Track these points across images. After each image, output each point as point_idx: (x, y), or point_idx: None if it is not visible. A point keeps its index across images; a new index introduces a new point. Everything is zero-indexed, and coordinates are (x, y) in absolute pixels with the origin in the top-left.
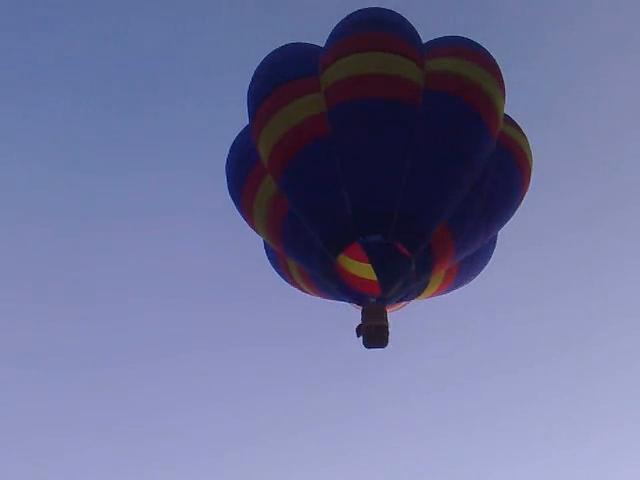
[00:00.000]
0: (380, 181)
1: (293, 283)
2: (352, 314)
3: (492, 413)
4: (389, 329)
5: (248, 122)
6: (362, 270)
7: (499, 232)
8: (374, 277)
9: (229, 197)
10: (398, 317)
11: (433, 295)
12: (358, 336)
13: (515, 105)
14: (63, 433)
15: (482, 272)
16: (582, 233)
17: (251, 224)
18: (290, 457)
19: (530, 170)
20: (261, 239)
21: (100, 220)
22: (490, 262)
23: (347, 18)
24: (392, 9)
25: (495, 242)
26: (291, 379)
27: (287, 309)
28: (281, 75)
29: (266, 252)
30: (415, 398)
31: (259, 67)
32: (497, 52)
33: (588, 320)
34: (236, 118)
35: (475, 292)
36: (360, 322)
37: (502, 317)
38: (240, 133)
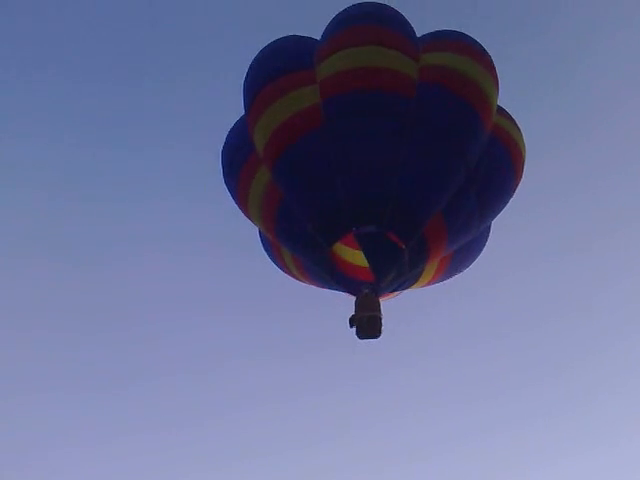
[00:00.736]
0: (374, 172)
1: (287, 271)
2: (346, 304)
3: (487, 403)
4: (382, 320)
5: (243, 113)
6: (356, 257)
7: (493, 221)
8: (368, 264)
9: (224, 186)
10: (391, 307)
11: (427, 284)
12: (351, 327)
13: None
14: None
15: (476, 261)
16: (577, 224)
17: (246, 213)
18: (284, 454)
19: (523, 161)
20: (256, 228)
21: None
22: (484, 251)
23: (343, 12)
24: (387, 3)
25: (489, 231)
26: (282, 371)
27: (280, 299)
28: (277, 67)
29: (261, 241)
30: (408, 388)
31: (256, 59)
32: (490, 45)
33: (585, 315)
34: (232, 108)
35: (469, 281)
36: (353, 313)
37: (496, 306)
38: (235, 123)
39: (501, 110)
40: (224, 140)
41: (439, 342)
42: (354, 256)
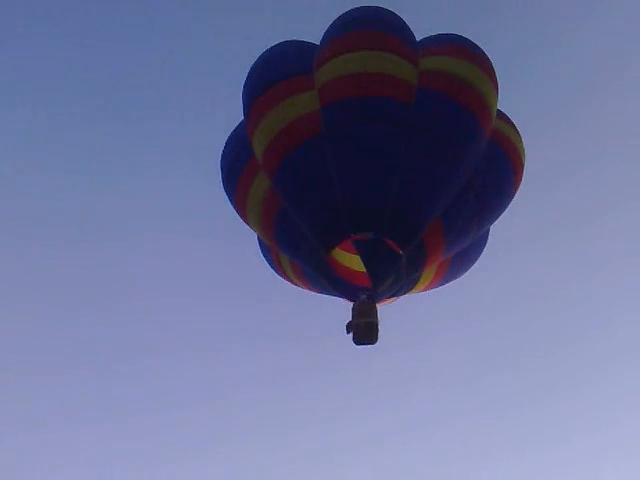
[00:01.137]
0: (372, 179)
1: (286, 277)
2: (343, 309)
3: (485, 408)
4: (379, 326)
5: (243, 118)
6: (354, 262)
7: (491, 226)
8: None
9: (223, 192)
10: (388, 312)
11: (425, 289)
12: (348, 333)
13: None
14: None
15: (474, 266)
16: (576, 227)
17: (245, 219)
18: (279, 451)
19: (522, 165)
20: (255, 234)
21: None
22: (482, 256)
23: (342, 16)
24: (386, 7)
25: (487, 236)
26: (280, 375)
27: (278, 305)
28: (276, 73)
29: (260, 246)
30: (405, 394)
31: (255, 64)
32: (490, 49)
33: (583, 313)
34: (231, 114)
35: (466, 286)
36: (350, 319)
37: (494, 311)
38: (235, 129)
39: (500, 114)
40: (223, 145)
41: (435, 346)
42: (352, 261)
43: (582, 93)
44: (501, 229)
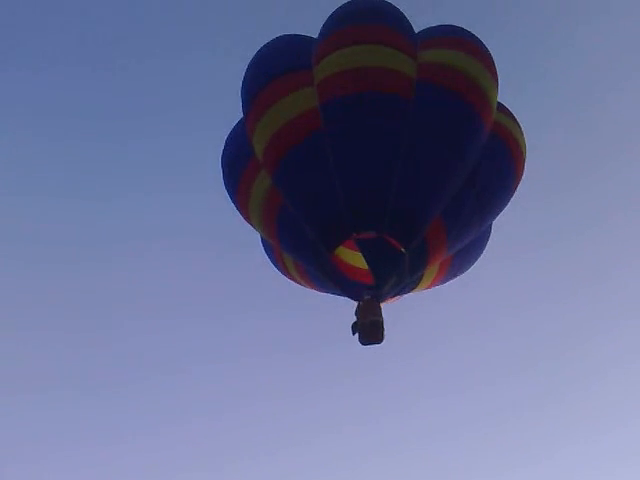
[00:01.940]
0: (374, 177)
1: (289, 276)
2: (348, 309)
3: (491, 410)
4: (384, 325)
5: (242, 115)
6: (357, 259)
7: (494, 221)
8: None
9: (225, 191)
10: (393, 312)
11: (428, 287)
12: (354, 333)
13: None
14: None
15: (477, 262)
16: (580, 226)
17: (247, 219)
18: (286, 455)
19: (524, 159)
20: (258, 234)
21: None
22: (485, 251)
23: (339, 9)
24: None
25: (490, 231)
26: (287, 378)
27: (282, 305)
28: (274, 69)
29: (263, 245)
30: (413, 394)
31: (252, 60)
32: (489, 41)
33: (589, 309)
34: (230, 111)
35: (471, 282)
36: (355, 319)
37: (499, 308)
38: (235, 127)
39: (501, 107)
40: (223, 144)
41: (441, 343)
42: (355, 258)
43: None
44: (504, 224)
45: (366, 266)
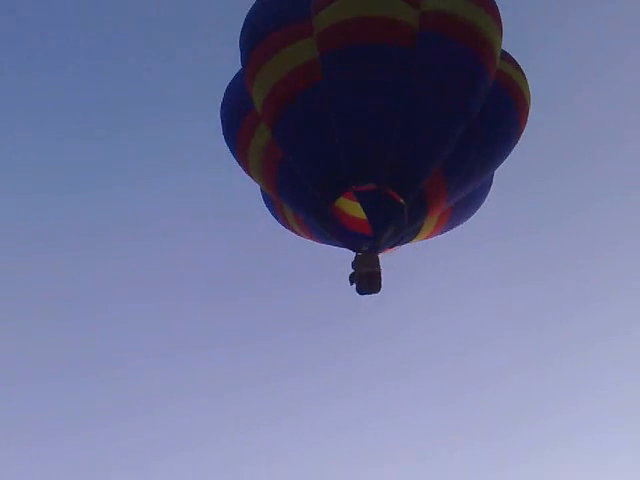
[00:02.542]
0: (373, 128)
1: (289, 227)
2: (347, 260)
3: (490, 363)
4: (381, 275)
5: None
6: (356, 210)
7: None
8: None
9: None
10: (390, 261)
11: (427, 237)
12: (351, 284)
13: None
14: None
15: (477, 212)
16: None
17: (247, 170)
18: (283, 400)
19: (527, 108)
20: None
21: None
22: (485, 202)
23: None
24: None
25: (491, 181)
26: (284, 326)
27: (280, 254)
28: (273, 20)
29: (262, 196)
30: (409, 342)
31: (251, 11)
32: None
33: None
34: (230, 62)
35: (470, 232)
36: (353, 270)
37: (498, 255)
38: (234, 78)
39: (505, 55)
40: (223, 95)
41: (441, 295)
42: (354, 208)
43: None
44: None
45: (365, 216)
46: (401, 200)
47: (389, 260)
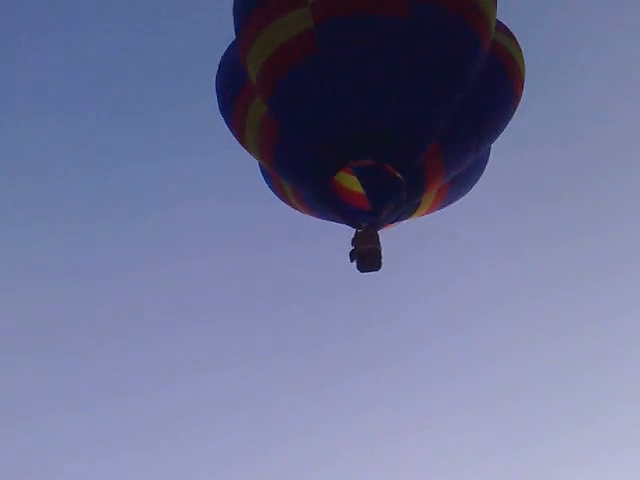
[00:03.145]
0: (371, 102)
1: (287, 202)
2: (347, 236)
3: (487, 332)
4: (382, 252)
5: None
6: (355, 184)
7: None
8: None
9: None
10: (390, 238)
11: (426, 213)
12: (352, 261)
13: None
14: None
15: (475, 186)
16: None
17: (243, 145)
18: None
19: (522, 78)
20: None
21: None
22: (483, 175)
23: None
24: None
25: (488, 155)
26: (285, 303)
27: (281, 231)
28: None
29: (261, 172)
30: (409, 318)
31: None
32: None
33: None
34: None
35: (467, 208)
36: (353, 247)
37: (497, 231)
38: (227, 50)
39: (499, 25)
40: (217, 68)
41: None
42: (353, 182)
43: None
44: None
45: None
46: (399, 176)
47: (389, 237)
